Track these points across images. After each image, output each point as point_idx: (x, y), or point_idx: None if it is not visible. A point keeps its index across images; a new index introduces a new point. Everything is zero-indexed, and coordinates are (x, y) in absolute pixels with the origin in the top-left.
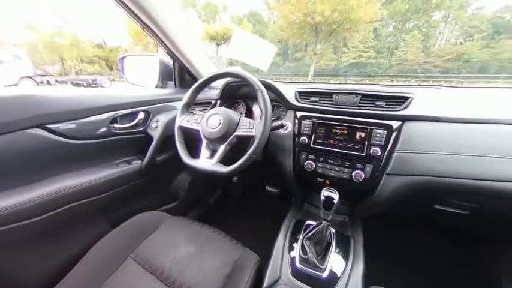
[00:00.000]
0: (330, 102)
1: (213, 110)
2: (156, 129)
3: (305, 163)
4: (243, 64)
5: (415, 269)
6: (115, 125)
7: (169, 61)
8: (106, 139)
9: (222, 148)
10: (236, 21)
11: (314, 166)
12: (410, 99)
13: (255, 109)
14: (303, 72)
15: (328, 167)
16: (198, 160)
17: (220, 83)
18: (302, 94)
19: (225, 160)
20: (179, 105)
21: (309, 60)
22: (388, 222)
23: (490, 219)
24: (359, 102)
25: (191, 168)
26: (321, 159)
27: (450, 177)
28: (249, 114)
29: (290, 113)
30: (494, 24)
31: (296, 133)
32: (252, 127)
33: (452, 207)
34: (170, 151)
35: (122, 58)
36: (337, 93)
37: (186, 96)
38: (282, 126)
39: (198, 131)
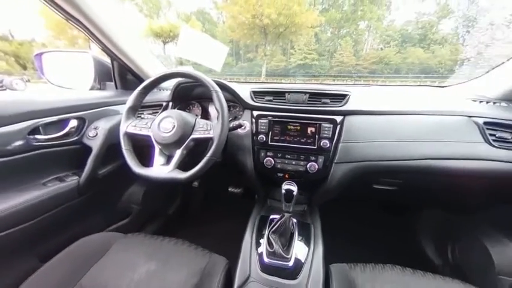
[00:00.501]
0: (283, 101)
1: (165, 113)
2: (95, 137)
3: (265, 160)
4: (195, 64)
5: (362, 240)
6: (37, 136)
7: (106, 59)
8: (25, 154)
9: (178, 153)
10: (183, 19)
11: (273, 162)
12: (348, 96)
13: (211, 110)
14: (256, 72)
15: (286, 161)
16: (151, 168)
17: (170, 84)
18: (257, 94)
19: (183, 165)
20: (123, 109)
21: (260, 61)
22: (339, 205)
23: (411, 191)
24: (308, 100)
25: (144, 178)
26: (279, 155)
27: (381, 161)
28: (205, 115)
29: (247, 113)
30: (402, 34)
31: (254, 132)
32: (210, 128)
33: (385, 185)
34: (116, 161)
35: (40, 54)
36: (289, 92)
37: (131, 98)
38: (240, 126)
39: (148, 136)
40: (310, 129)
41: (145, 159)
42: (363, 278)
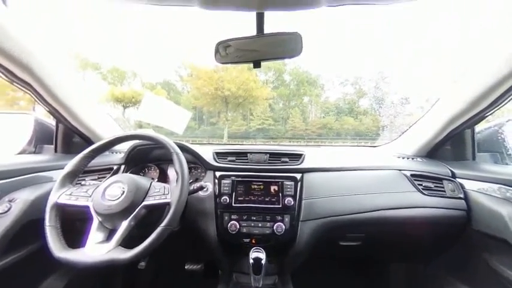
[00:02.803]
0: (246, 161)
1: (114, 178)
2: (5, 214)
3: (229, 224)
4: (156, 127)
5: None
6: None
7: (51, 122)
8: None
9: (124, 225)
10: (148, 87)
11: (238, 226)
12: (303, 155)
13: (170, 172)
14: (218, 135)
15: (252, 224)
16: (82, 250)
17: (125, 147)
18: (220, 155)
19: (128, 241)
20: (59, 175)
21: (222, 125)
22: (312, 272)
23: (374, 244)
24: (269, 160)
25: (69, 265)
26: (244, 218)
27: (342, 215)
28: (163, 178)
29: (209, 174)
30: (336, 107)
31: (217, 193)
32: (167, 192)
33: (350, 240)
34: (32, 245)
35: None
36: (251, 153)
37: (73, 162)
38: (201, 188)
39: (86, 207)
40: (273, 188)
41: (76, 238)
42: None
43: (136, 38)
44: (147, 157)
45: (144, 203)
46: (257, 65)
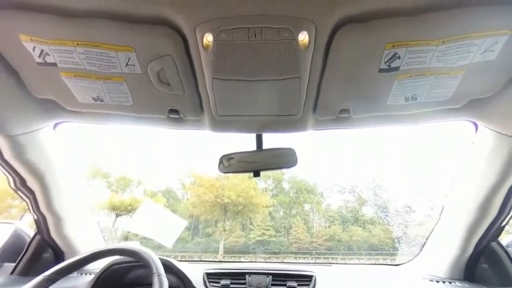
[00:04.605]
0: (243, 286)
1: None
2: None
3: None
4: (144, 239)
5: None
6: None
7: (31, 232)
8: None
9: None
10: (149, 195)
11: None
12: (313, 277)
13: None
14: (213, 248)
15: None
16: None
17: (100, 265)
18: (211, 276)
19: None
20: None
21: (218, 237)
22: None
23: None
24: (272, 284)
25: None
26: None
27: None
28: None
29: None
30: (340, 215)
31: None
32: None
33: None
34: None
35: None
36: (250, 274)
37: None
38: None
39: None
40: None
41: None
42: None
43: (148, 149)
44: (121, 280)
45: None
46: (257, 174)
